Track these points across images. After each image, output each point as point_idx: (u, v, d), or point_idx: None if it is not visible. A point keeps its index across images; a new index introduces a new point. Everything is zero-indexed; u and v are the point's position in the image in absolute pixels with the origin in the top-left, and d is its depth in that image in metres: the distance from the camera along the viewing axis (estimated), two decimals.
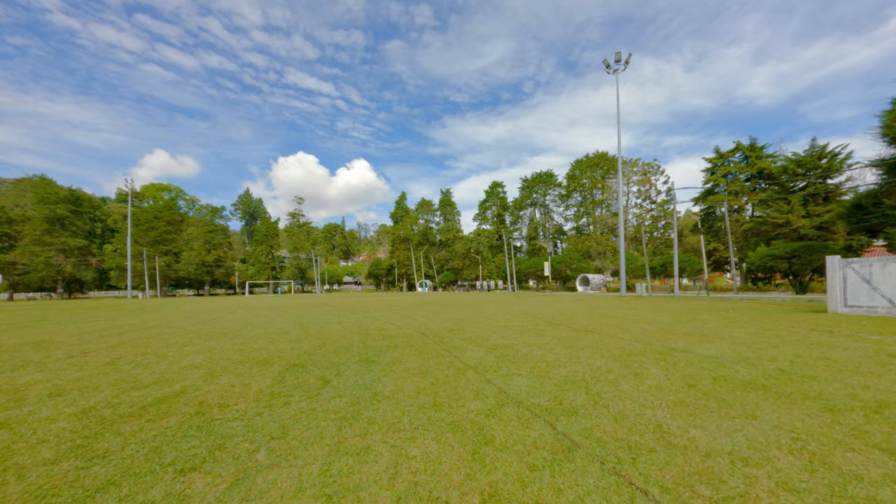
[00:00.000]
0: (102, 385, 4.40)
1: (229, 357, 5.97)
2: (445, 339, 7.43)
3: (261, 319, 12.66)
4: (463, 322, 10.62)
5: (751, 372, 4.47)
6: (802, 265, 21.07)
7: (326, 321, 11.57)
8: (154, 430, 3.07)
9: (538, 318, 11.64)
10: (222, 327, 10.30)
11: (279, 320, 12.17)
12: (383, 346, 6.85)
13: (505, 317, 12.11)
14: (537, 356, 5.59)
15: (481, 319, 11.37)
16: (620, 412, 3.19)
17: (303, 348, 6.71)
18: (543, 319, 11.07)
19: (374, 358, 5.77)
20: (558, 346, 6.37)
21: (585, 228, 64.03)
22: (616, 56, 26.43)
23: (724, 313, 12.28)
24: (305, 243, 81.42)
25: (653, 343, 6.58)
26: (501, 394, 3.80)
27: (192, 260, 64.74)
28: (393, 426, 3.04)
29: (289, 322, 11.52)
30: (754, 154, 37.22)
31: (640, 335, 7.54)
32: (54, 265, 55.82)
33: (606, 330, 8.42)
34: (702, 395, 3.61)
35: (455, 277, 75.75)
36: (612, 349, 6.04)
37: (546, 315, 12.49)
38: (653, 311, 13.68)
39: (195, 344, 7.33)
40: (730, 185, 38.17)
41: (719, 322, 9.67)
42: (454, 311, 14.72)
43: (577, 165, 63.72)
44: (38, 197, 56.35)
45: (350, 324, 10.70)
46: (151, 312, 18.30)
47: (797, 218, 30.10)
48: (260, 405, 3.68)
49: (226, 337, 8.27)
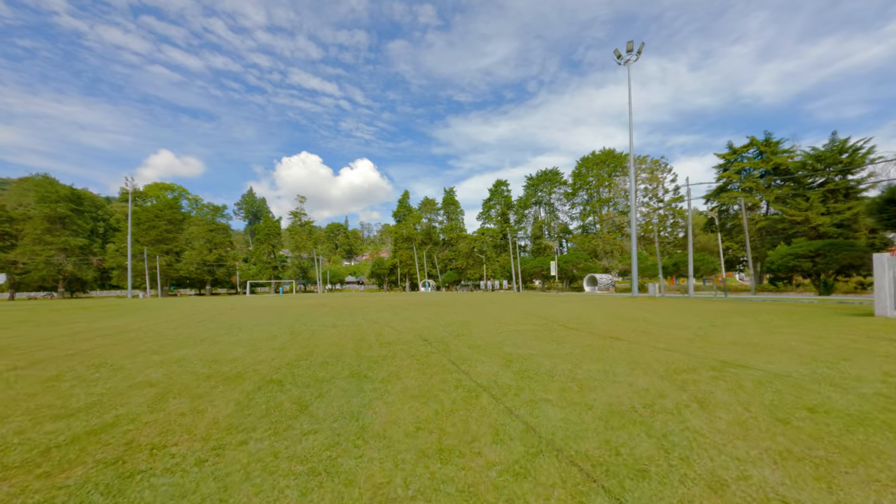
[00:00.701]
0: (16, 412, 3.46)
1: (195, 371, 5.04)
2: (451, 347, 6.47)
3: (250, 322, 11.76)
4: (469, 325, 9.65)
5: (847, 399, 3.46)
6: (827, 264, 19.88)
7: (321, 324, 10.64)
8: (38, 494, 2.12)
9: (551, 320, 10.64)
10: (204, 331, 9.39)
11: (269, 323, 11.26)
12: (379, 355, 5.90)
13: (514, 319, 11.12)
14: (564, 372, 4.61)
15: (489, 322, 10.39)
16: (712, 473, 2.20)
17: (286, 358, 5.77)
18: (558, 323, 10.07)
19: (366, 372, 4.82)
20: (585, 358, 5.38)
21: (591, 227, 62.77)
22: (628, 46, 25.30)
23: (757, 316, 11.21)
24: (307, 243, 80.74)
25: (697, 354, 5.57)
26: (530, 433, 2.83)
27: (193, 259, 64.20)
28: (379, 492, 2.08)
29: (279, 325, 10.60)
30: (769, 149, 35.92)
31: (676, 343, 6.53)
32: (55, 264, 55.43)
33: (633, 336, 7.41)
34: (810, 439, 2.61)
35: (458, 277, 74.77)
36: (652, 363, 5.04)
37: (559, 317, 11.48)
38: (675, 313, 12.63)
39: (164, 353, 6.41)
40: (744, 181, 36.89)
41: (758, 327, 8.63)
42: (459, 313, 13.75)
43: (583, 163, 62.40)
44: (39, 196, 56.01)
45: (346, 327, 9.77)
46: (142, 313, 17.49)
47: (816, 215, 28.83)
48: (207, 446, 2.73)
49: (203, 343, 7.35)
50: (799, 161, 32.40)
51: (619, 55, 26.11)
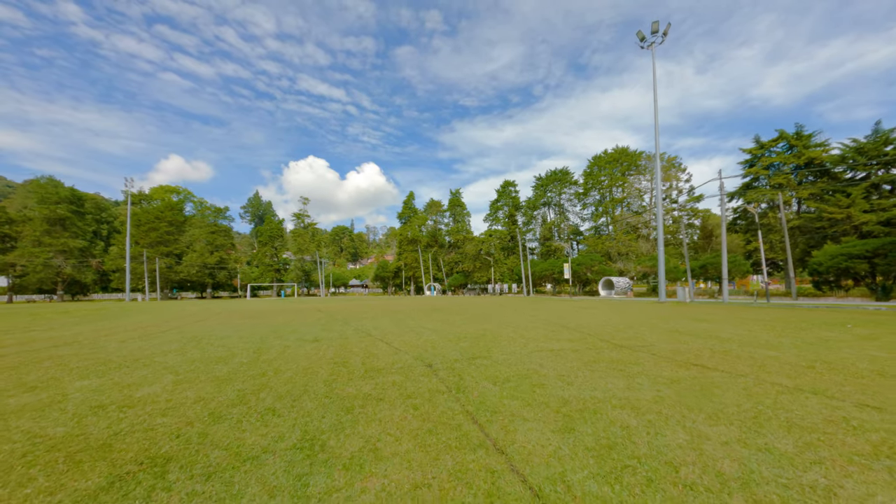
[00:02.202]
0: None
1: (37, 433, 3.02)
2: (466, 382, 4.39)
3: (220, 332, 9.79)
4: (486, 340, 7.56)
5: None
6: (889, 266, 17.42)
7: (300, 337, 8.62)
8: None
9: (588, 334, 8.50)
10: (151, 347, 7.43)
11: (241, 335, 9.27)
12: (359, 394, 3.86)
13: (540, 331, 9.00)
14: (682, 450, 2.50)
15: (510, 335, 8.29)
16: None
17: (219, 400, 3.75)
18: (599, 337, 7.94)
19: (328, 436, 2.77)
20: (692, 410, 3.27)
21: (604, 229, 60.24)
22: (653, 27, 23.12)
23: (842, 328, 8.98)
24: (310, 245, 79.12)
25: (857, 399, 3.43)
26: None
27: (193, 262, 62.83)
28: None
29: (251, 337, 8.61)
30: (801, 143, 33.37)
31: (798, 376, 4.39)
32: (53, 267, 54.38)
33: (723, 363, 5.27)
34: None
35: (465, 280, 72.55)
36: (822, 426, 2.92)
37: (596, 329, 9.34)
38: (737, 325, 10.41)
39: (50, 386, 4.41)
40: (773, 177, 34.33)
41: (873, 345, 6.43)
42: (470, 321, 11.66)
43: (595, 162, 59.91)
44: (39, 197, 55.15)
45: (330, 341, 7.73)
46: (116, 319, 15.69)
47: (859, 213, 26.26)
48: None
49: (124, 369, 5.36)
50: (837, 155, 29.86)
51: (643, 37, 23.94)
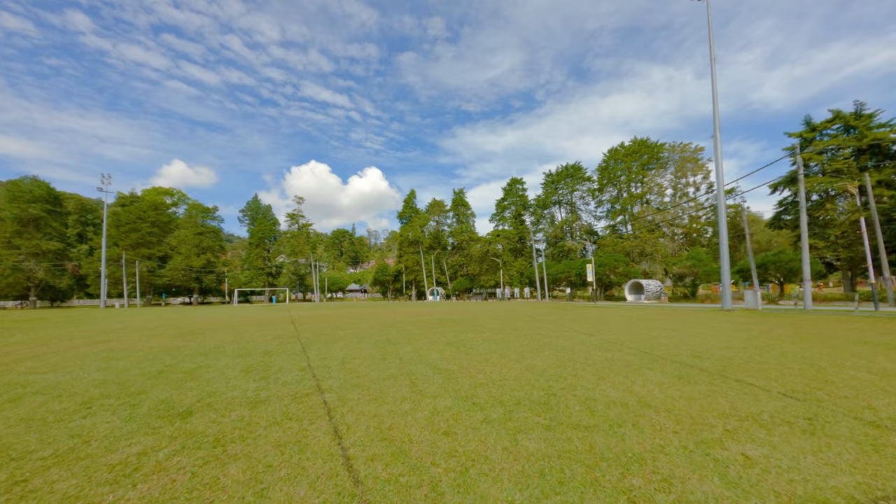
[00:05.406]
0: None
1: None
2: None
3: (67, 372, 5.30)
4: (568, 414, 3.07)
5: None
6: None
7: (155, 407, 4.13)
8: None
9: (729, 377, 3.98)
10: None
11: (83, 382, 4.77)
12: None
13: (654, 373, 4.50)
14: None
15: (603, 388, 3.80)
16: None
17: None
18: (763, 390, 3.42)
19: None
20: None
21: (621, 227, 55.69)
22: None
23: None
24: (304, 247, 74.73)
25: None
26: None
27: (178, 265, 58.49)
28: None
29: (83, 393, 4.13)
30: (861, 124, 28.91)
31: None
32: (24, 270, 50.14)
33: None
34: None
35: (470, 284, 67.92)
36: None
37: (720, 364, 4.82)
38: (870, 346, 5.88)
39: None
40: (828, 164, 29.82)
41: None
42: (503, 346, 7.16)
43: (611, 155, 55.46)
44: (10, 196, 51.05)
45: (197, 434, 3.28)
46: (56, 329, 11.42)
47: None
48: None
49: None
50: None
51: None
